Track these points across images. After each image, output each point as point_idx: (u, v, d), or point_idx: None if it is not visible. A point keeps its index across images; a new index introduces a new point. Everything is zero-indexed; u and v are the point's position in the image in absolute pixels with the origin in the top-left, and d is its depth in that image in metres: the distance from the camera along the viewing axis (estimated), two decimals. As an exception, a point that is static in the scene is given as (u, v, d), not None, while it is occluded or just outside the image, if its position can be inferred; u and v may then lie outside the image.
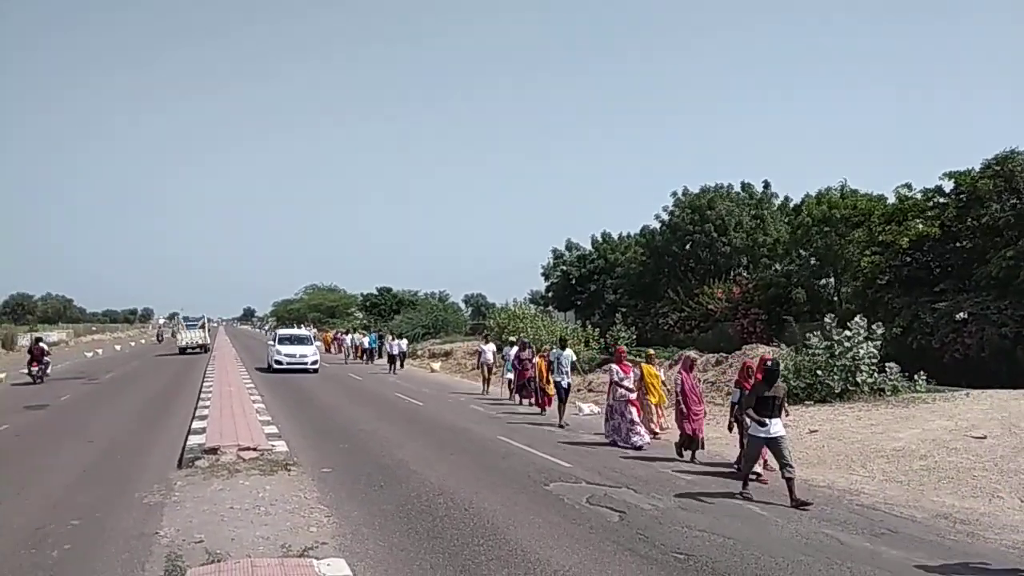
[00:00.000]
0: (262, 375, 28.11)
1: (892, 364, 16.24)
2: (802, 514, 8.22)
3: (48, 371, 25.76)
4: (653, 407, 14.01)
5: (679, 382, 11.73)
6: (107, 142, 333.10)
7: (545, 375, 17.16)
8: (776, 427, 8.90)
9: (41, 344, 26.53)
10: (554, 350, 16.77)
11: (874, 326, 16.50)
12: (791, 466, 8.74)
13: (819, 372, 16.15)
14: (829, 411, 14.86)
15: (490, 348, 24.17)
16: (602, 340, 29.71)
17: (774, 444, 8.89)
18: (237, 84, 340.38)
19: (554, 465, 10.86)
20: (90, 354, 45.40)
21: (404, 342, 34.27)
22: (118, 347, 52.37)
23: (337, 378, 28.52)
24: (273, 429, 13.64)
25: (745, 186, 37.12)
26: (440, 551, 6.80)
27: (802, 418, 14.04)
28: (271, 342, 33.91)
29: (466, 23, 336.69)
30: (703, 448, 11.69)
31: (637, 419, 12.76)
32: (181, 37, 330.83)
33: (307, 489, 9.18)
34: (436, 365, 33.97)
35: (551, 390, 16.67)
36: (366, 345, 40.25)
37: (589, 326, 31.97)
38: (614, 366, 13.34)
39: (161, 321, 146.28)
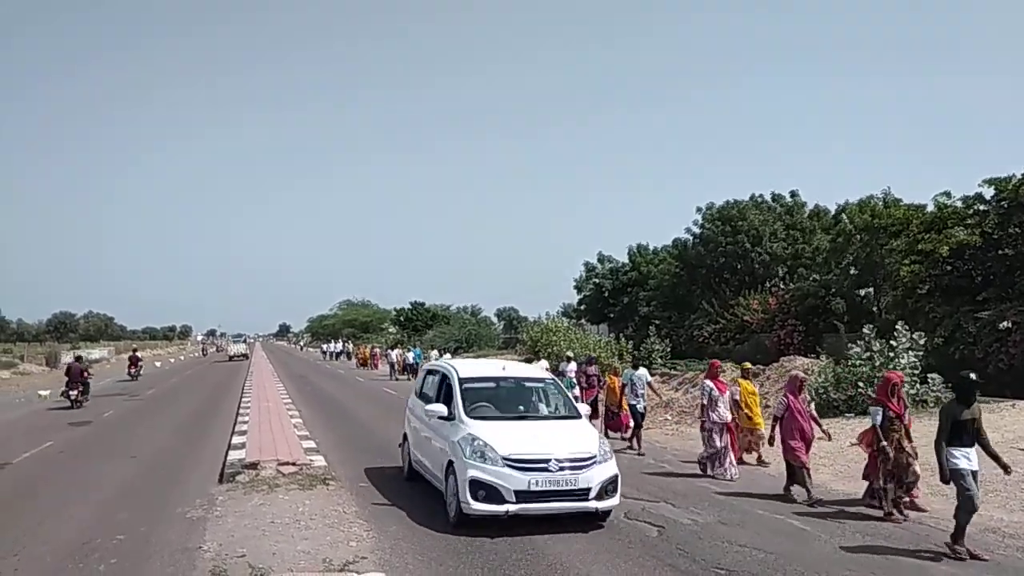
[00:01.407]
0: (299, 391, 28.43)
1: (934, 375, 15.92)
2: (846, 529, 8.08)
3: (88, 394, 23.36)
4: (754, 432, 12.19)
5: (784, 406, 9.93)
6: (145, 164, 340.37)
7: (619, 396, 15.17)
8: (973, 458, 7.23)
9: (81, 363, 23.88)
10: (626, 370, 15.15)
11: (915, 336, 16.21)
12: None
13: (860, 384, 15.88)
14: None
15: (542, 364, 21.92)
16: (635, 353, 29.56)
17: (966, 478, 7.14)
18: (271, 105, 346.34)
19: (591, 479, 10.78)
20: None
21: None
22: (158, 364, 53.36)
23: (372, 393, 28.73)
24: (311, 444, 13.77)
25: (776, 196, 36.85)
26: (479, 566, 6.81)
27: (843, 431, 13.79)
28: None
29: (502, 40, 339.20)
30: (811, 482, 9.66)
31: (730, 446, 11.24)
32: (226, 56, 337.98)
33: (346, 503, 9.25)
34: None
35: (623, 407, 15.03)
36: (410, 360, 38.19)
37: (622, 339, 31.85)
38: (708, 383, 11.53)
39: (200, 338, 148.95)
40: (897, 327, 16.38)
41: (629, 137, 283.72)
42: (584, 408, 10.00)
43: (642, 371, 14.60)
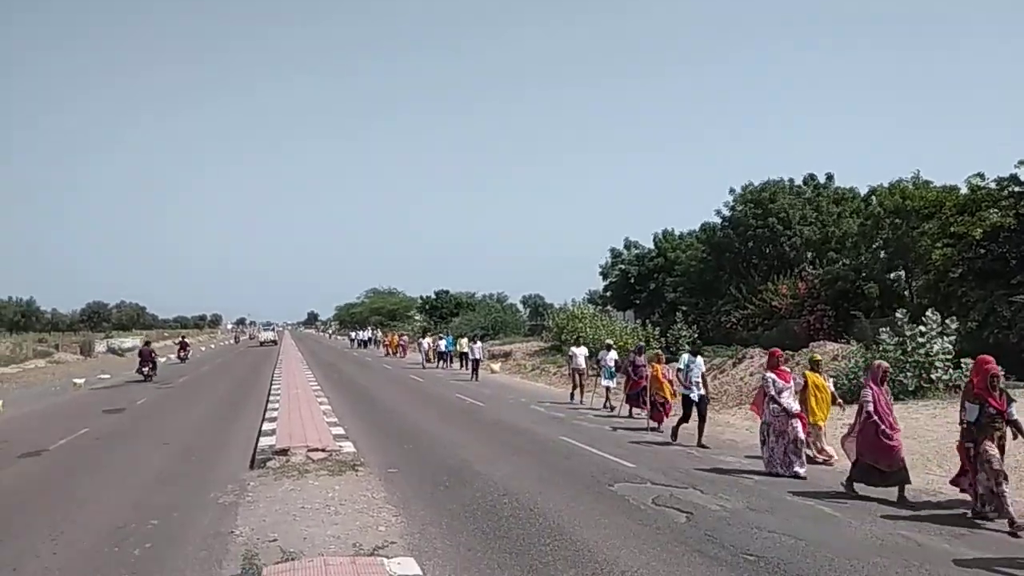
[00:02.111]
0: (327, 378, 28.70)
1: (968, 360, 15.62)
2: (876, 515, 8.00)
3: (156, 371, 29.19)
4: (821, 427, 11.48)
5: (868, 399, 8.97)
6: (175, 158, 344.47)
7: (661, 384, 14.74)
8: None
9: (149, 347, 30.20)
10: (684, 356, 14.07)
11: (948, 321, 15.93)
12: None
13: (891, 369, 15.65)
14: (903, 409, 14.35)
15: (582, 352, 21.13)
16: (662, 339, 29.39)
17: None
18: (297, 88, 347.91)
19: (618, 465, 10.80)
20: (163, 359, 46.90)
21: (479, 346, 30.39)
22: (173, 356, 53.92)
23: (399, 380, 28.93)
24: (340, 430, 13.91)
25: (808, 179, 36.31)
26: (507, 551, 6.84)
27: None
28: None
29: (531, 24, 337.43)
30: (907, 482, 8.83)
31: (803, 438, 10.30)
32: (241, 39, 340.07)
33: (375, 489, 9.34)
34: (496, 366, 34.12)
35: (669, 397, 14.71)
36: (442, 348, 38.02)
37: (649, 325, 31.71)
38: (770, 375, 10.64)
39: (229, 326, 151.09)
40: (928, 313, 16.11)
41: (655, 122, 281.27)
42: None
43: (700, 358, 13.65)
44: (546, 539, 7.15)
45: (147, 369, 28.37)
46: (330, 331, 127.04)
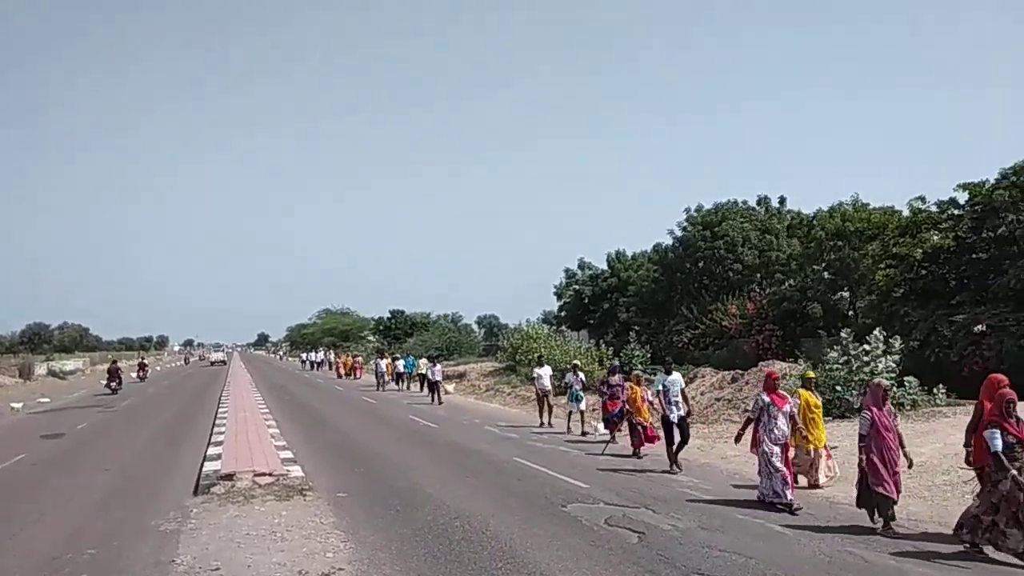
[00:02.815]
0: (276, 401, 28.16)
1: (911, 378, 16.06)
2: (825, 532, 8.09)
3: (122, 386, 35.47)
4: (822, 450, 10.84)
5: (869, 421, 8.39)
6: (121, 175, 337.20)
7: (640, 406, 13.92)
8: None
9: (118, 365, 37.31)
10: (658, 376, 13.47)
11: (891, 340, 16.34)
12: None
13: (838, 388, 15.98)
14: (849, 426, 14.66)
15: (546, 372, 20.09)
16: (616, 359, 29.54)
17: None
18: (254, 116, 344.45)
19: (571, 486, 10.76)
20: (104, 382, 45.58)
21: (439, 368, 28.50)
22: (133, 374, 52.68)
23: (351, 401, 28.53)
24: (288, 454, 13.61)
25: (761, 200, 37.15)
26: (458, 574, 6.73)
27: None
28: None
29: (474, 35, 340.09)
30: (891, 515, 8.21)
31: (787, 468, 9.61)
32: (166, 61, 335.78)
33: (323, 514, 9.14)
34: (450, 387, 33.87)
35: (650, 422, 13.82)
36: (400, 369, 36.86)
37: (603, 345, 31.86)
38: (764, 397, 9.82)
39: (176, 348, 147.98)
40: (875, 332, 16.50)
41: (610, 145, 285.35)
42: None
43: (676, 376, 12.93)
44: (498, 562, 7.06)
45: (114, 384, 34.55)
46: (281, 353, 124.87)
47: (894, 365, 15.95)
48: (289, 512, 9.18)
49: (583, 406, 17.70)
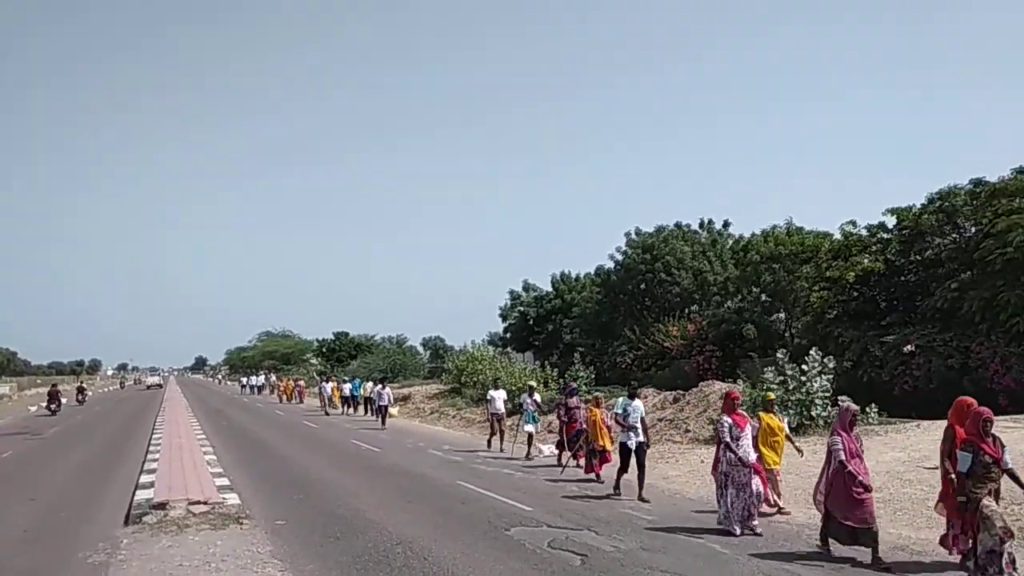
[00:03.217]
0: (214, 426, 27.42)
1: (844, 397, 16.47)
2: (764, 551, 8.22)
3: (61, 408, 37.34)
4: (776, 473, 10.46)
5: (838, 446, 8.00)
6: (47, 189, 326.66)
7: (600, 430, 13.59)
8: None
9: (58, 388, 39.96)
10: (620, 399, 13.13)
11: (825, 360, 16.79)
12: None
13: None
14: (785, 446, 14.98)
15: (500, 395, 19.58)
16: (560, 380, 29.64)
17: None
18: (185, 125, 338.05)
19: (515, 509, 10.72)
20: (34, 408, 43.76)
21: (387, 391, 27.70)
22: (64, 399, 50.73)
23: (292, 426, 27.95)
24: (225, 481, 13.25)
25: (703, 224, 37.98)
26: (399, 603, 6.63)
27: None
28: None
29: (420, 63, 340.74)
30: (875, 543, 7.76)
31: (762, 491, 9.43)
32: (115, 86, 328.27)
33: (260, 543, 8.90)
34: (394, 410, 33.45)
35: (607, 445, 13.45)
36: (346, 392, 36.08)
37: (547, 366, 31.95)
38: (725, 419, 9.60)
39: (110, 372, 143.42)
40: (811, 352, 16.93)
41: (555, 168, 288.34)
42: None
43: (638, 402, 12.30)
44: (439, 588, 6.97)
45: (54, 406, 36.68)
46: (220, 376, 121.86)
47: (828, 385, 16.38)
48: (224, 541, 8.91)
49: (532, 428, 17.40)
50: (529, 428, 17.31)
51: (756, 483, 9.28)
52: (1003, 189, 19.72)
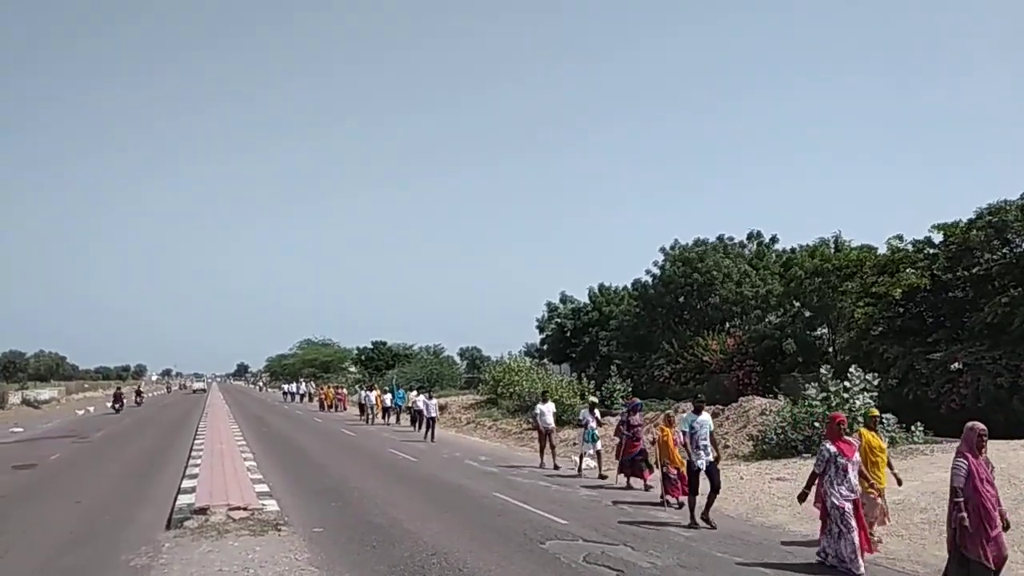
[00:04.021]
0: (254, 433, 27.82)
1: (889, 415, 16.14)
2: (804, 572, 8.07)
3: (124, 405, 44.25)
4: (878, 498, 9.33)
5: (966, 472, 7.12)
6: (98, 201, 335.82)
7: (672, 451, 12.32)
8: None
9: (121, 391, 47.31)
10: (686, 415, 11.89)
11: (869, 376, 16.47)
12: None
13: (816, 424, 16.02)
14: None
15: (549, 408, 18.37)
16: (597, 392, 29.52)
17: None
18: (234, 143, 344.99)
19: (550, 522, 10.68)
20: (81, 412, 44.94)
21: (434, 402, 26.13)
22: (109, 404, 51.93)
23: (330, 434, 28.22)
24: (264, 487, 13.43)
25: (752, 236, 37.70)
26: (434, 614, 6.64)
27: (803, 472, 13.88)
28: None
29: (465, 72, 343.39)
30: None
31: (861, 528, 8.27)
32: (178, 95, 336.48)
33: (298, 550, 9.00)
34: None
35: (681, 467, 11.91)
36: (387, 403, 34.78)
37: (584, 378, 31.84)
38: (829, 447, 8.44)
39: (154, 377, 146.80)
40: (851, 369, 16.62)
41: (593, 177, 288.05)
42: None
43: (705, 416, 11.06)
44: (474, 601, 6.97)
45: (118, 405, 43.41)
46: (261, 383, 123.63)
47: (872, 402, 16.05)
48: (263, 548, 9.02)
49: (599, 446, 16.12)
50: (595, 446, 16.02)
51: (861, 517, 8.29)
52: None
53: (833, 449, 8.39)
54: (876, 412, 10.45)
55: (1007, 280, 19.95)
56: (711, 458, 10.71)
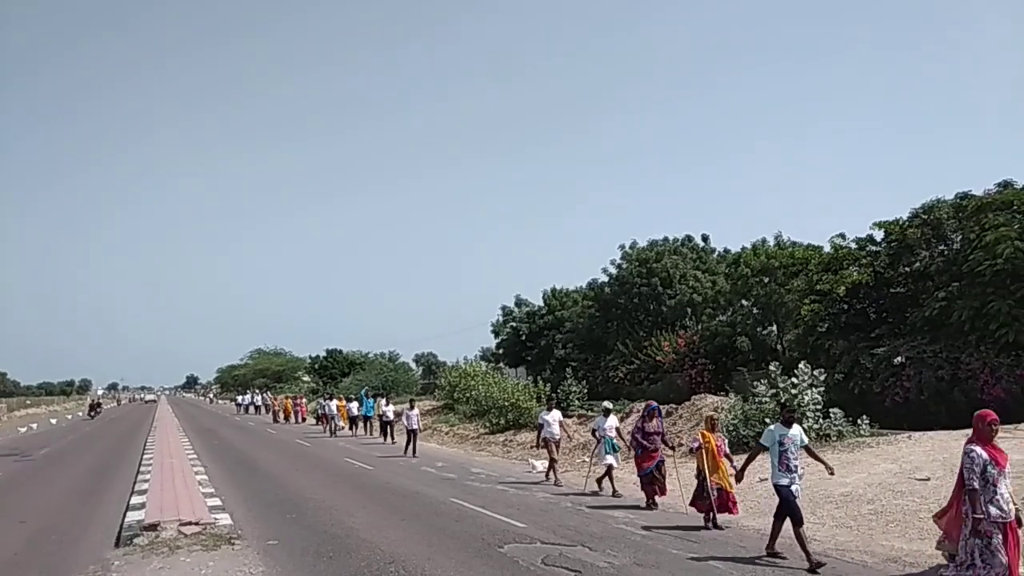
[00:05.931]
0: (205, 445, 27.26)
1: (836, 409, 16.55)
2: (757, 567, 8.23)
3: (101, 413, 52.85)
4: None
5: (981, 464, 6.54)
6: (37, 212, 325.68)
7: (718, 462, 10.64)
8: None
9: (99, 401, 55.90)
10: (772, 428, 9.14)
11: (816, 372, 16.86)
12: None
13: (767, 420, 16.33)
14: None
15: (555, 417, 16.55)
16: (553, 396, 29.64)
17: None
18: (191, 153, 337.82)
19: (508, 526, 10.70)
20: (23, 429, 43.46)
21: (415, 412, 24.36)
22: (53, 420, 50.35)
23: (284, 445, 27.81)
24: (216, 501, 13.18)
25: (685, 240, 38.15)
26: (392, 622, 6.60)
27: (751, 467, 14.13)
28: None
29: (417, 81, 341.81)
30: None
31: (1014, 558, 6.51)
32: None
33: (252, 563, 8.84)
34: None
35: (727, 486, 10.52)
36: (353, 412, 33.53)
37: (540, 381, 31.95)
38: (976, 450, 6.67)
39: (100, 392, 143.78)
40: (800, 366, 17.01)
41: (547, 181, 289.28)
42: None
43: (798, 429, 9.05)
44: (433, 607, 6.95)
45: (94, 413, 52.21)
46: (211, 395, 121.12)
47: (819, 397, 16.45)
48: (216, 563, 8.85)
49: (614, 460, 14.22)
50: (610, 460, 14.13)
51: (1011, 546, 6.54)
52: (989, 203, 19.88)
53: (982, 454, 6.61)
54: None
55: (945, 276, 20.58)
56: (800, 478, 8.80)
